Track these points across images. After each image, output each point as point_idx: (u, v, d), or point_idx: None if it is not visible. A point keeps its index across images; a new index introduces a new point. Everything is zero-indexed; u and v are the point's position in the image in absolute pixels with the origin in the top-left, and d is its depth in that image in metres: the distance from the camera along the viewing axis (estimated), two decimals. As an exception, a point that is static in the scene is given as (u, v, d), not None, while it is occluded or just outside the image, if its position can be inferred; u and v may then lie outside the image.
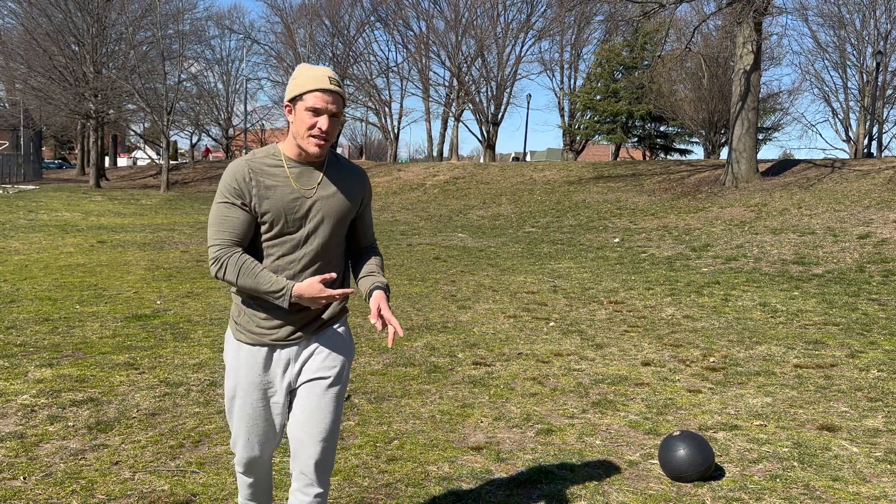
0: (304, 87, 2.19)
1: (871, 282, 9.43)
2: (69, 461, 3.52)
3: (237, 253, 2.21)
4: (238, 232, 2.22)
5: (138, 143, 69.50)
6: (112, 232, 14.91)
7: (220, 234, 2.22)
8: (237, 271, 2.20)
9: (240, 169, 2.22)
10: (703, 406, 4.59)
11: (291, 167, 2.26)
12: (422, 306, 7.67)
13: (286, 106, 2.24)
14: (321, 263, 2.31)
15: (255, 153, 2.29)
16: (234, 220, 2.21)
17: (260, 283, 2.19)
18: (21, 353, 5.43)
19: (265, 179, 2.22)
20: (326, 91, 2.18)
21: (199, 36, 42.93)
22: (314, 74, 2.20)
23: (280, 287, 2.18)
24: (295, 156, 2.26)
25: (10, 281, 8.52)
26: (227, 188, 2.21)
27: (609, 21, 31.11)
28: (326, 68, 2.25)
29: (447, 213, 20.83)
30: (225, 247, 2.22)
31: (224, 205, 2.22)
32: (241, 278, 2.20)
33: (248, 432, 2.39)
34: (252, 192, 2.20)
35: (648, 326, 6.91)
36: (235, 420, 2.41)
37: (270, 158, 2.26)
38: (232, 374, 2.38)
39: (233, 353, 2.37)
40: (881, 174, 16.21)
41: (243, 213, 2.21)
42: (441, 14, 41.65)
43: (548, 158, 61.17)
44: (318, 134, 2.19)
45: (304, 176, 2.27)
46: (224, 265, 2.21)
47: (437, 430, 4.07)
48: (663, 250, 12.70)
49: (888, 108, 35.01)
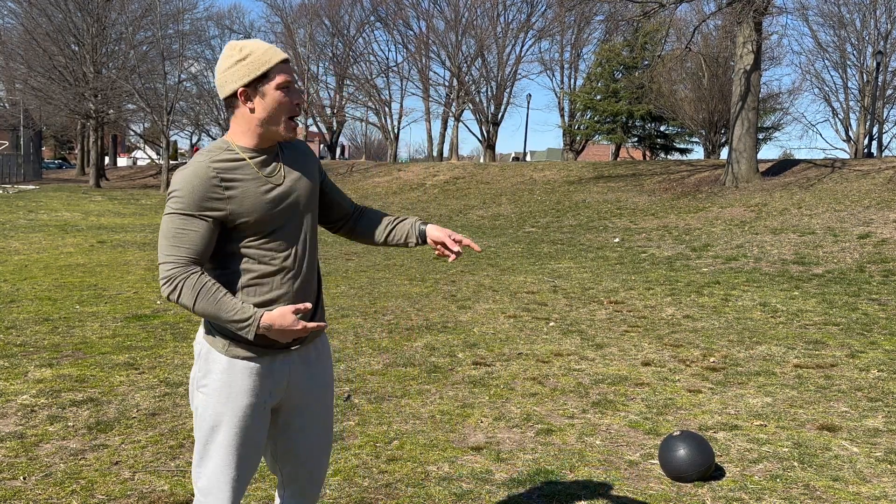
0: (268, 63, 1.91)
1: (872, 282, 9.43)
2: (69, 461, 3.52)
3: (195, 273, 1.88)
4: (196, 248, 1.89)
5: (138, 143, 69.49)
6: (112, 232, 14.90)
7: (173, 251, 1.88)
8: (195, 295, 1.86)
9: (201, 172, 1.88)
10: (703, 406, 4.59)
11: (252, 157, 1.97)
12: (422, 306, 7.67)
13: (241, 93, 1.92)
14: (310, 261, 2.07)
15: (209, 151, 1.96)
16: (191, 234, 1.88)
17: (221, 309, 1.86)
18: (21, 353, 5.43)
19: (233, 177, 1.92)
20: (287, 61, 1.94)
21: (199, 36, 42.92)
22: (266, 47, 1.93)
23: (246, 316, 1.86)
24: (252, 145, 1.97)
25: (10, 281, 8.52)
26: (185, 196, 1.87)
27: (609, 21, 31.12)
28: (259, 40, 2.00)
29: (447, 213, 20.84)
30: (180, 265, 1.88)
31: (179, 216, 1.88)
32: (199, 303, 1.86)
33: (237, 468, 2.01)
34: (222, 195, 1.89)
35: (648, 326, 6.91)
36: (219, 454, 2.00)
37: (228, 153, 1.95)
38: (219, 399, 1.98)
39: (220, 373, 1.98)
40: (881, 174, 16.21)
41: (203, 224, 1.88)
42: (441, 14, 41.66)
43: (548, 158, 61.16)
44: (297, 113, 1.97)
45: (266, 164, 1.99)
46: (179, 287, 1.87)
47: (437, 430, 4.06)
48: (663, 250, 12.70)
49: (888, 108, 35.01)
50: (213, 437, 2.00)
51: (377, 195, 26.36)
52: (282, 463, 2.18)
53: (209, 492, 2.02)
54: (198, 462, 2.05)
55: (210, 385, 2.00)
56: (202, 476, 2.03)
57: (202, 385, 2.01)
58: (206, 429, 2.01)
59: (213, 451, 2.01)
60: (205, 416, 2.00)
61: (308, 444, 2.16)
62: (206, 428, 2.01)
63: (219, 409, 1.99)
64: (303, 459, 2.17)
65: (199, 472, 2.05)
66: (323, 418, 2.19)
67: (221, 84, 1.95)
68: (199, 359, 2.04)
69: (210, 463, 2.01)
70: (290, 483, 2.20)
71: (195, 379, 2.03)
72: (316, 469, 2.21)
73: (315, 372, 2.14)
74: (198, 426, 2.03)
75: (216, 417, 1.99)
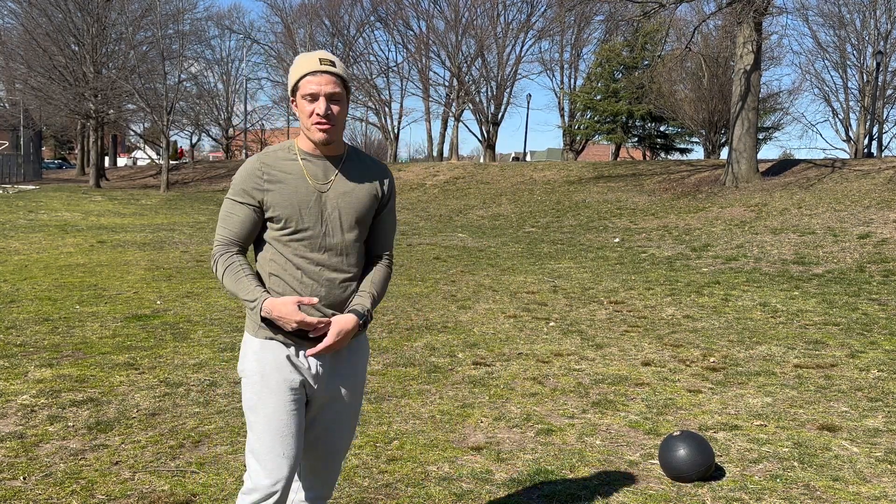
0: (297, 75, 2.12)
1: (872, 282, 9.43)
2: (69, 461, 3.52)
3: (230, 252, 2.15)
4: (238, 231, 2.15)
5: (138, 143, 69.51)
6: (112, 232, 14.90)
7: (221, 231, 2.18)
8: (224, 270, 2.14)
9: (252, 163, 2.17)
10: (703, 406, 4.58)
11: (305, 160, 2.17)
12: (422, 306, 7.67)
13: (292, 101, 2.18)
14: (340, 265, 2.18)
15: (270, 147, 2.23)
16: (235, 218, 2.16)
17: (238, 287, 2.11)
18: (21, 353, 5.43)
19: (277, 173, 2.14)
20: (317, 73, 2.09)
21: (199, 36, 42.95)
22: (305, 60, 2.13)
23: (253, 297, 2.09)
24: (310, 149, 2.18)
25: (10, 281, 8.52)
26: (236, 184, 2.16)
27: (609, 21, 31.13)
28: (321, 51, 2.19)
29: (447, 213, 20.83)
30: (223, 244, 2.17)
31: (230, 201, 2.17)
32: (225, 278, 2.14)
33: (281, 443, 2.13)
34: (262, 187, 2.13)
35: (648, 326, 6.91)
36: (262, 432, 2.14)
37: (284, 152, 2.19)
38: (255, 379, 2.16)
39: (254, 354, 2.17)
40: (881, 174, 16.21)
41: (247, 211, 2.14)
42: (441, 14, 41.67)
43: (548, 158, 61.16)
44: (317, 120, 2.10)
45: (319, 170, 2.17)
46: (216, 262, 2.16)
47: (437, 430, 4.06)
48: (663, 250, 12.70)
49: (888, 108, 35.01)
50: (255, 418, 2.16)
51: (377, 195, 26.36)
52: (305, 454, 2.28)
53: (256, 475, 2.14)
54: (247, 446, 2.20)
55: (247, 368, 2.18)
56: (250, 459, 2.17)
57: (242, 371, 2.20)
58: (248, 411, 2.18)
59: (253, 433, 2.16)
60: (246, 398, 2.18)
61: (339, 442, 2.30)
62: (248, 410, 2.18)
63: (255, 388, 2.16)
64: (322, 454, 2.28)
65: (247, 457, 2.20)
66: (345, 418, 2.29)
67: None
68: (242, 348, 2.24)
69: (252, 445, 2.16)
70: (309, 474, 2.31)
71: (240, 366, 2.21)
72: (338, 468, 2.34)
73: (343, 370, 2.24)
74: (244, 411, 2.20)
75: (254, 397, 2.16)
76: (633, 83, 33.36)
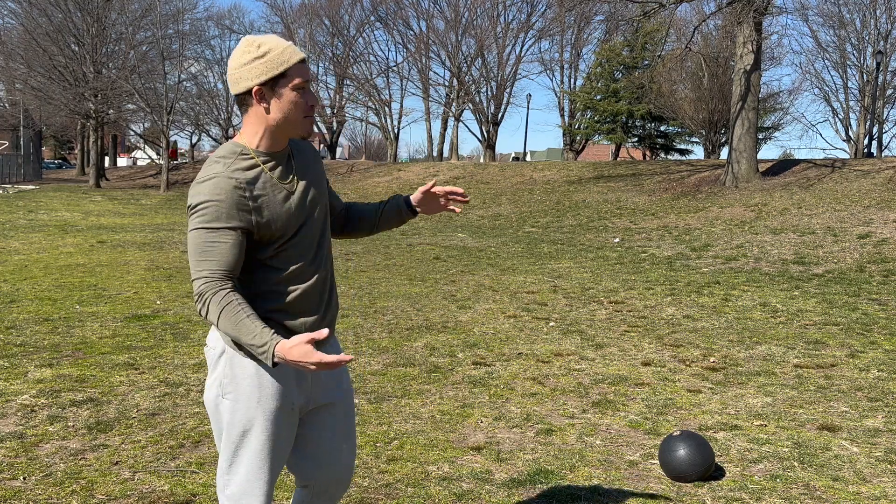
0: (288, 63, 1.86)
1: (872, 282, 9.43)
2: (69, 461, 3.52)
3: (224, 290, 1.83)
4: (227, 261, 1.84)
5: (138, 143, 69.50)
6: (112, 232, 14.90)
7: (204, 265, 1.84)
8: (219, 311, 1.81)
9: (225, 184, 1.84)
10: (703, 406, 4.59)
11: (267, 163, 1.94)
12: (422, 306, 7.67)
13: (256, 91, 1.87)
14: (325, 262, 2.06)
15: (225, 162, 1.89)
16: (221, 246, 1.83)
17: (241, 331, 1.80)
18: (21, 353, 5.43)
19: (255, 185, 1.89)
20: (304, 61, 1.90)
21: (199, 36, 42.94)
22: (284, 45, 1.88)
23: (263, 342, 1.78)
24: (266, 148, 1.94)
25: (10, 281, 8.52)
26: (213, 209, 1.82)
27: (609, 21, 31.13)
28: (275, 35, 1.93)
29: (447, 213, 20.83)
30: (212, 280, 1.83)
31: (206, 230, 1.83)
32: (222, 321, 1.81)
33: (269, 471, 2.00)
34: (248, 207, 1.86)
35: (648, 326, 6.91)
36: (252, 459, 1.97)
37: (243, 160, 1.90)
38: (249, 405, 1.95)
39: (249, 377, 1.95)
40: (881, 174, 16.21)
41: (236, 237, 1.84)
42: (441, 14, 41.67)
43: (548, 158, 61.16)
44: (311, 113, 1.93)
45: (281, 169, 1.96)
46: (207, 303, 1.83)
47: (437, 430, 4.06)
48: (663, 250, 12.70)
49: (888, 108, 35.02)
50: (245, 443, 1.97)
51: (377, 195, 26.35)
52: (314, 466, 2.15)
53: (241, 497, 2.00)
54: (226, 469, 2.01)
55: (238, 390, 1.96)
56: (231, 483, 2.01)
57: (228, 391, 1.97)
58: (235, 435, 1.97)
59: (244, 456, 1.98)
60: (234, 421, 1.97)
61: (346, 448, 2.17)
62: (235, 434, 1.97)
63: (249, 414, 1.96)
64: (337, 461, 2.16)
65: (227, 480, 2.01)
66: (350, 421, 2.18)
67: (235, 80, 1.90)
68: (218, 364, 1.99)
69: (241, 469, 1.99)
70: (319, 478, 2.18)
71: (220, 385, 1.98)
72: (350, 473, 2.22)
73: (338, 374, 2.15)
74: (226, 433, 1.99)
75: (247, 423, 1.96)
76: (633, 83, 33.37)
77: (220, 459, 2.04)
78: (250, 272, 1.95)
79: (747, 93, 17.70)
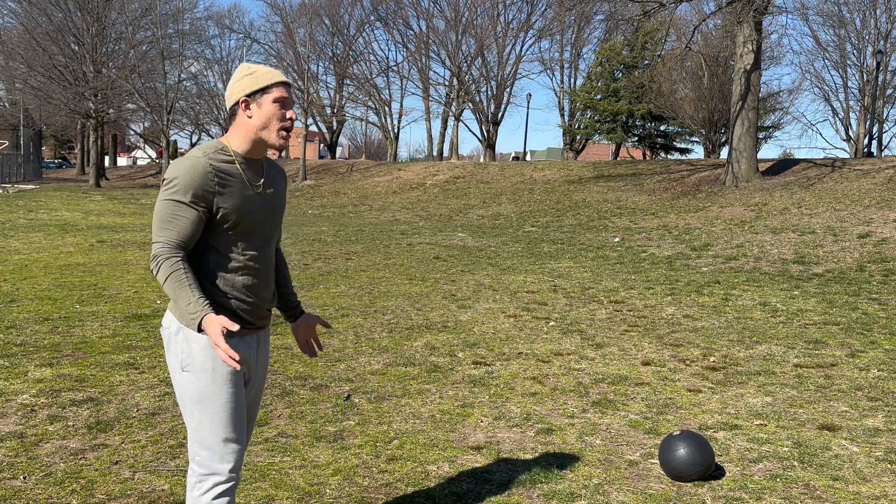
0: (268, 80, 2.20)
1: (872, 281, 9.44)
2: (69, 461, 3.52)
3: (176, 257, 2.11)
4: (185, 233, 2.12)
5: (138, 143, 69.50)
6: (112, 231, 14.90)
7: (165, 234, 2.12)
8: (167, 275, 2.10)
9: (200, 167, 2.12)
10: (703, 406, 4.59)
11: (241, 164, 2.23)
12: (422, 306, 7.67)
13: (243, 101, 2.20)
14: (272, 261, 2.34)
15: (206, 150, 2.20)
16: (183, 220, 2.12)
17: (180, 296, 2.08)
18: (21, 352, 5.43)
19: (225, 176, 2.17)
20: (287, 84, 2.23)
21: (198, 35, 42.97)
22: (271, 70, 2.24)
23: (195, 311, 2.07)
24: (244, 152, 2.23)
25: (10, 281, 8.52)
26: (183, 186, 2.10)
27: (609, 20, 31.11)
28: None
29: (447, 213, 20.84)
30: (168, 247, 2.12)
31: (175, 203, 2.11)
32: (167, 283, 2.10)
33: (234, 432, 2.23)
34: (213, 189, 2.13)
35: (648, 326, 6.91)
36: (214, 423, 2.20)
37: (222, 154, 2.20)
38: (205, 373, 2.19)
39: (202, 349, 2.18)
40: (881, 174, 16.21)
41: (194, 213, 2.12)
42: (441, 13, 41.66)
43: (548, 158, 61.16)
44: (288, 126, 2.22)
45: (253, 173, 2.26)
46: (160, 265, 2.11)
47: (437, 430, 4.06)
48: (663, 250, 12.70)
49: (888, 108, 35.02)
50: (206, 409, 2.19)
51: (377, 195, 26.37)
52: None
53: (211, 462, 2.21)
54: (194, 438, 2.22)
55: (195, 362, 2.19)
56: (201, 450, 2.21)
57: (186, 364, 2.19)
58: (197, 403, 2.19)
59: (206, 424, 2.20)
60: (193, 391, 2.19)
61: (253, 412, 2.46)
62: (196, 402, 2.19)
63: (206, 382, 2.18)
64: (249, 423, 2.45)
65: (195, 449, 2.22)
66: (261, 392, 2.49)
67: (229, 96, 2.24)
68: (174, 342, 2.21)
69: (209, 435, 2.20)
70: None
71: (179, 360, 2.20)
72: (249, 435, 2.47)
73: (264, 351, 2.43)
74: (188, 404, 2.21)
75: (205, 390, 2.18)
76: (633, 83, 33.36)
77: (188, 432, 2.24)
78: (205, 254, 2.21)
79: (747, 92, 17.70)
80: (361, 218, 20.69)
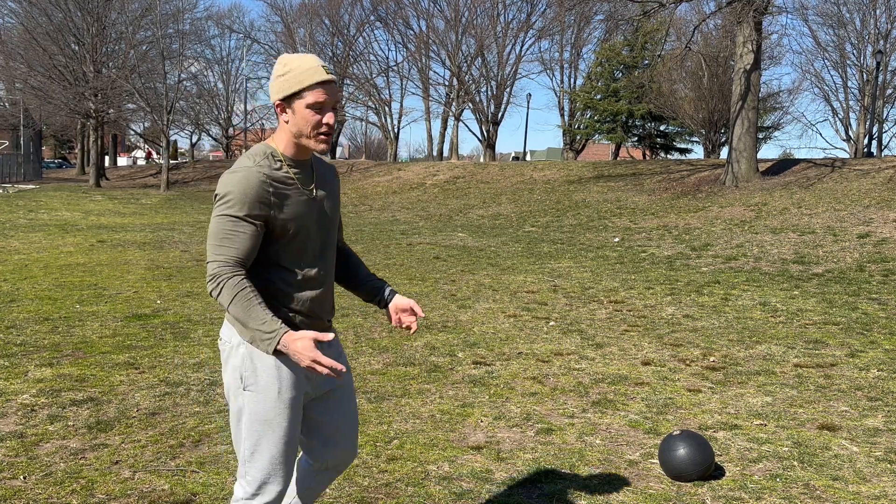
0: (301, 83, 2.02)
1: (871, 281, 9.43)
2: (69, 461, 3.52)
3: (238, 276, 1.99)
4: (243, 249, 2.00)
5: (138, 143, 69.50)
6: (112, 231, 14.90)
7: (222, 251, 2.00)
8: (232, 296, 1.97)
9: (254, 178, 1.99)
10: (703, 406, 4.59)
11: (293, 168, 2.11)
12: (422, 306, 7.67)
13: (278, 105, 2.07)
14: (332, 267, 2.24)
15: (255, 159, 2.06)
16: (241, 235, 1.99)
17: (251, 316, 1.96)
18: (21, 352, 5.43)
19: (279, 185, 2.05)
20: (325, 83, 2.03)
21: (199, 36, 42.97)
22: (307, 67, 2.04)
23: (271, 329, 1.96)
24: (293, 155, 2.11)
25: (10, 281, 8.52)
26: (238, 200, 1.98)
27: (609, 20, 31.11)
28: (313, 56, 2.09)
29: (447, 213, 20.84)
30: (228, 265, 1.99)
31: (231, 219, 1.98)
32: (234, 305, 1.97)
33: (290, 455, 2.16)
34: (270, 201, 2.01)
35: (648, 326, 6.91)
36: (274, 447, 2.13)
37: (271, 161, 2.07)
38: (269, 396, 2.10)
39: (269, 370, 2.08)
40: (881, 173, 16.21)
41: (252, 228, 2.00)
42: (441, 13, 41.67)
43: (548, 158, 61.16)
44: (326, 130, 2.07)
45: (304, 176, 2.14)
46: (221, 286, 1.98)
47: (437, 430, 4.07)
48: (663, 250, 12.70)
49: (888, 108, 35.03)
50: (267, 432, 2.11)
51: (377, 195, 26.37)
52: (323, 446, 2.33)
53: (264, 482, 2.14)
54: (248, 457, 2.14)
55: (258, 382, 2.09)
56: (252, 469, 2.14)
57: (250, 384, 2.10)
58: (258, 424, 2.11)
59: (264, 445, 2.12)
60: (256, 412, 2.10)
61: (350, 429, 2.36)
62: (258, 424, 2.11)
63: (269, 404, 2.10)
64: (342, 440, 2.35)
65: (248, 467, 2.15)
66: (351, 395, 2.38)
67: (270, 93, 2.11)
68: (233, 357, 2.11)
69: (265, 456, 2.12)
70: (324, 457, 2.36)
71: (241, 378, 2.10)
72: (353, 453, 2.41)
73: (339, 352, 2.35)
74: (248, 423, 2.12)
75: (268, 412, 2.10)
76: (633, 83, 33.36)
77: (241, 447, 2.15)
78: (265, 269, 2.10)
79: (747, 92, 17.70)
80: (361, 218, 20.69)
